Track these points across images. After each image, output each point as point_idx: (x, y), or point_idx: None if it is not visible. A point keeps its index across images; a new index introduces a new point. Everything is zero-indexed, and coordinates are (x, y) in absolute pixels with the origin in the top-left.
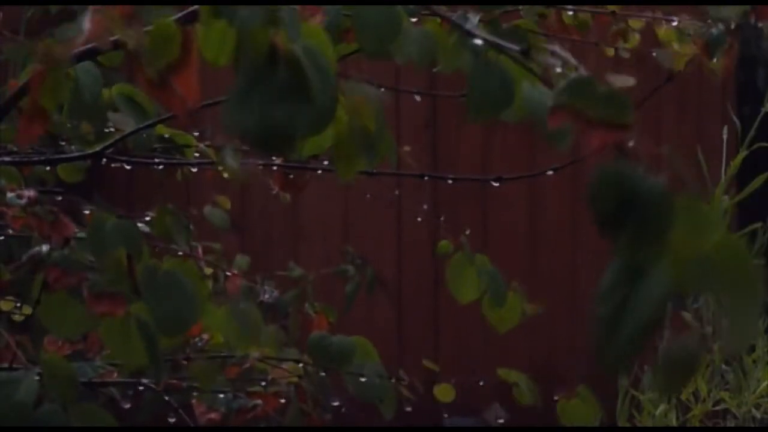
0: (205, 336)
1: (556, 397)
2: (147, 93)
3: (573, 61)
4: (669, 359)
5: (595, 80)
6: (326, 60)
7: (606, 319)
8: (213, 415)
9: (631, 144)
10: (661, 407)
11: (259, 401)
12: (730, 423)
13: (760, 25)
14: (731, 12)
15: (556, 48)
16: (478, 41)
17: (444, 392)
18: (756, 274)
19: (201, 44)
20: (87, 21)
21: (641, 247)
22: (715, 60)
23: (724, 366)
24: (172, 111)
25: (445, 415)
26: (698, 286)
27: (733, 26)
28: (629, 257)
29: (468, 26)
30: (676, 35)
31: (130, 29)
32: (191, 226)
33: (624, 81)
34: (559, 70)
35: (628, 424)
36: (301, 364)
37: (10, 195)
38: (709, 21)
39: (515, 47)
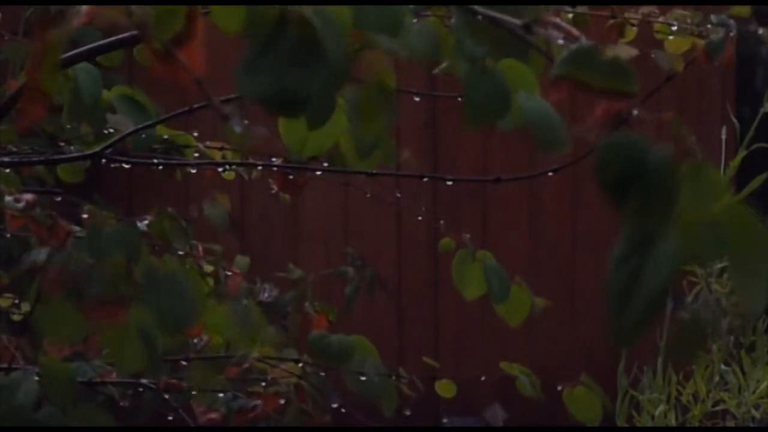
0: (205, 337)
1: (559, 387)
2: (153, 67)
3: (576, 32)
4: (681, 329)
5: (597, 49)
6: (338, 19)
7: (618, 289)
8: (213, 416)
9: (634, 113)
10: (661, 407)
11: (259, 402)
12: (730, 423)
13: (759, 28)
14: (732, 12)
15: (558, 20)
16: (479, 17)
17: (445, 388)
18: (764, 236)
19: (212, 12)
20: (83, 6)
21: (649, 215)
22: (715, 63)
23: (723, 366)
24: (179, 82)
25: (445, 420)
26: (708, 251)
27: (732, 28)
28: (638, 226)
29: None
30: (673, 25)
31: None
32: (191, 227)
33: (626, 52)
34: (561, 42)
35: (627, 425)
36: (300, 364)
37: (8, 198)
38: (709, 24)
39: (517, 21)
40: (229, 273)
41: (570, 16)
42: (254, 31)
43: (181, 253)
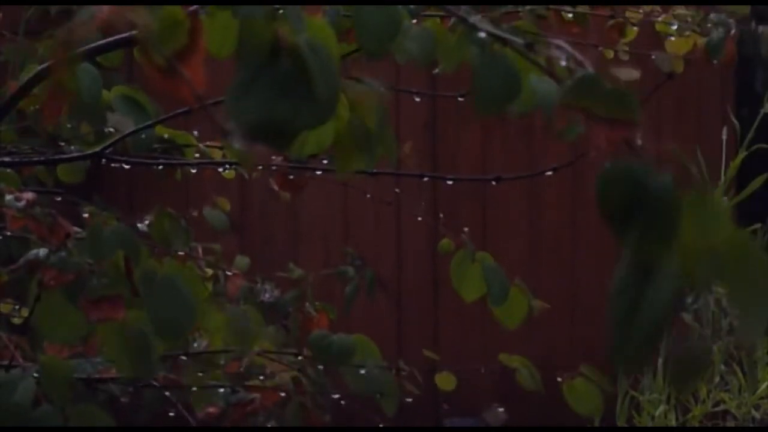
0: (204, 342)
1: (559, 379)
2: (153, 81)
3: (577, 55)
4: (678, 362)
5: (600, 77)
6: (329, 53)
7: (619, 317)
8: (211, 409)
9: (637, 141)
10: (661, 408)
11: (257, 395)
12: (730, 424)
13: (758, 27)
14: (732, 10)
15: (561, 42)
16: (483, 35)
17: (445, 381)
18: (765, 269)
19: (205, 36)
20: (101, 7)
21: (651, 243)
22: (714, 62)
23: (723, 367)
24: (180, 97)
25: (445, 408)
26: (708, 282)
27: (731, 27)
28: (639, 254)
29: (472, 20)
30: (674, 25)
31: (137, 15)
32: (191, 228)
33: (628, 74)
34: (563, 63)
35: (627, 425)
36: (299, 358)
37: (9, 197)
38: (709, 24)
39: (520, 41)
40: (229, 273)
41: (570, 15)
42: (247, 57)
43: (181, 254)
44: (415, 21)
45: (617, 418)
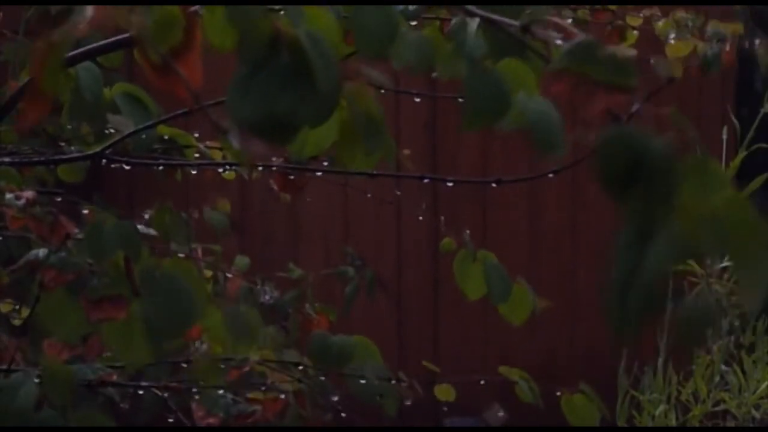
0: (205, 344)
1: (558, 393)
2: (150, 79)
3: (575, 31)
4: (686, 316)
5: (597, 44)
6: (330, 46)
7: (617, 281)
8: (212, 420)
9: (635, 107)
10: (661, 408)
11: (258, 407)
12: (730, 424)
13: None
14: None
15: (558, 19)
16: (477, 18)
17: (444, 392)
18: (764, 231)
19: (205, 29)
20: (89, 9)
21: (650, 208)
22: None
23: (723, 367)
24: (176, 94)
25: (445, 408)
26: (708, 245)
27: (726, 41)
28: (638, 219)
29: (468, 25)
30: (674, 28)
31: (133, 14)
32: (191, 228)
33: (625, 52)
34: (559, 42)
35: (627, 425)
36: (301, 367)
37: (9, 196)
38: (708, 27)
39: (515, 23)
40: (229, 275)
41: (570, 21)
42: (246, 51)
43: (181, 255)
44: (415, 24)
45: (617, 418)
